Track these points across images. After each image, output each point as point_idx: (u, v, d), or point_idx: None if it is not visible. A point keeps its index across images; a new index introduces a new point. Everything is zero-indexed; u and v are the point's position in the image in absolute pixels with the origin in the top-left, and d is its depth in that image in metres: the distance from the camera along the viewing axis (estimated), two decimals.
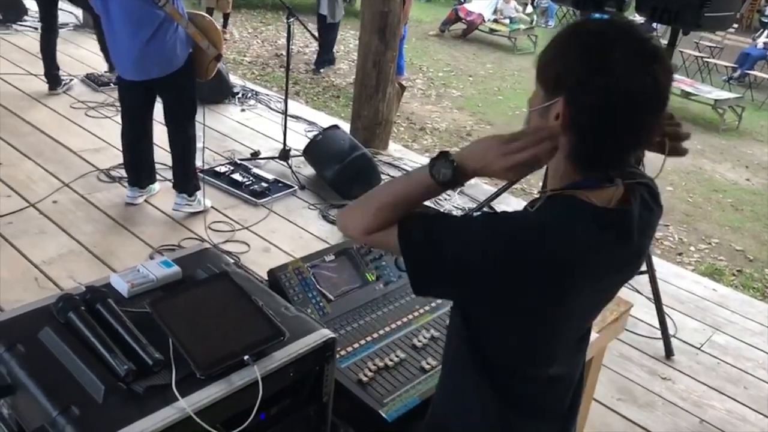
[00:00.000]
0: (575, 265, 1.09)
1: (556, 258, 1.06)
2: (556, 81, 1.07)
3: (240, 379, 1.28)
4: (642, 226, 1.16)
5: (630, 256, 1.20)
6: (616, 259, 1.17)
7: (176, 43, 3.52)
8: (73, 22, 7.49)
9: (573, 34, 1.09)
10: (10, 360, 1.28)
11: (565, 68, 1.06)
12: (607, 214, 1.11)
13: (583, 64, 1.03)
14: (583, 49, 1.05)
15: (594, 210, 1.10)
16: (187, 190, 3.91)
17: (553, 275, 1.07)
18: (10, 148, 4.52)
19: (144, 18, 3.39)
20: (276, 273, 1.83)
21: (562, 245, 1.07)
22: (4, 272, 3.25)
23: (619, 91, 1.01)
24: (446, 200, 4.66)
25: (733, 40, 12.00)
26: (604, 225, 1.10)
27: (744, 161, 7.86)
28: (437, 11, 14.17)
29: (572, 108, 1.05)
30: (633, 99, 1.02)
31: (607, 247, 1.12)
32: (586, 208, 1.10)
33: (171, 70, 3.55)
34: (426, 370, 1.74)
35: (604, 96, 1.02)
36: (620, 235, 1.13)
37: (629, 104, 1.02)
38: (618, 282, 1.27)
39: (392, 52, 5.04)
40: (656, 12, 3.04)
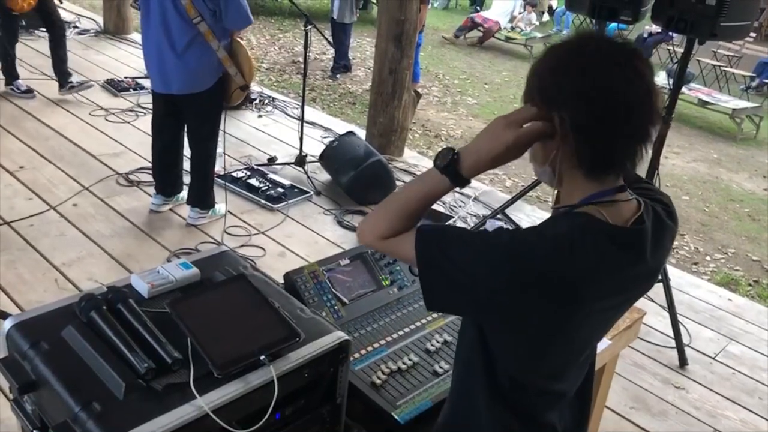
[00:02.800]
0: (587, 284, 1.10)
1: (570, 277, 1.08)
2: (548, 100, 1.11)
3: (256, 379, 1.31)
4: (655, 243, 1.17)
5: (643, 276, 1.20)
6: (628, 278, 1.17)
7: (205, 65, 3.52)
8: (94, 28, 7.59)
9: (545, 55, 1.15)
10: (34, 357, 1.32)
11: (552, 85, 1.10)
12: (621, 233, 1.13)
13: (562, 77, 1.09)
14: (557, 63, 1.11)
15: (608, 229, 1.11)
16: (200, 205, 3.94)
17: (566, 294, 1.09)
18: (32, 151, 4.60)
19: (177, 32, 3.42)
20: (292, 276, 1.86)
21: (575, 264, 1.08)
22: (26, 273, 3.31)
23: (599, 91, 1.06)
24: (461, 206, 4.68)
25: (751, 49, 11.91)
26: (618, 244, 1.12)
27: (761, 171, 7.80)
28: (453, 19, 14.21)
29: (564, 119, 1.08)
30: (614, 95, 1.06)
31: (620, 267, 1.13)
32: (600, 227, 1.11)
33: (193, 90, 3.56)
34: (438, 374, 1.76)
35: (587, 98, 1.06)
36: (633, 255, 1.14)
37: (611, 101, 1.06)
38: (627, 300, 1.26)
39: (408, 59, 5.07)
40: (672, 21, 3.04)
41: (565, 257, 1.08)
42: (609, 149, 1.11)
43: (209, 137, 3.78)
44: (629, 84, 1.06)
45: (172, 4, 3.37)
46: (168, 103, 3.69)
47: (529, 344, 1.18)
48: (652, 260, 1.17)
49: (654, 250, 1.17)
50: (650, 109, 1.09)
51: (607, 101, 1.06)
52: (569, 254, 1.08)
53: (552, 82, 1.10)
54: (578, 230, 1.11)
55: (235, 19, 3.50)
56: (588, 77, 1.07)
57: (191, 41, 3.44)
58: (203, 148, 3.80)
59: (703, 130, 9.06)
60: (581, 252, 1.09)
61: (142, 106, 5.58)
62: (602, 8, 3.37)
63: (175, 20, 3.41)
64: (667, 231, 1.22)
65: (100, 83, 6.00)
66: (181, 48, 3.45)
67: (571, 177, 1.16)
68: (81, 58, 6.61)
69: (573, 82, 1.08)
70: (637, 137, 1.10)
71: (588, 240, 1.10)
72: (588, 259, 1.09)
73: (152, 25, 3.46)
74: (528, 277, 1.08)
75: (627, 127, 1.08)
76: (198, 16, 3.39)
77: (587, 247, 1.09)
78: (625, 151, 1.12)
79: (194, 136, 3.79)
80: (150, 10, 3.45)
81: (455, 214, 4.50)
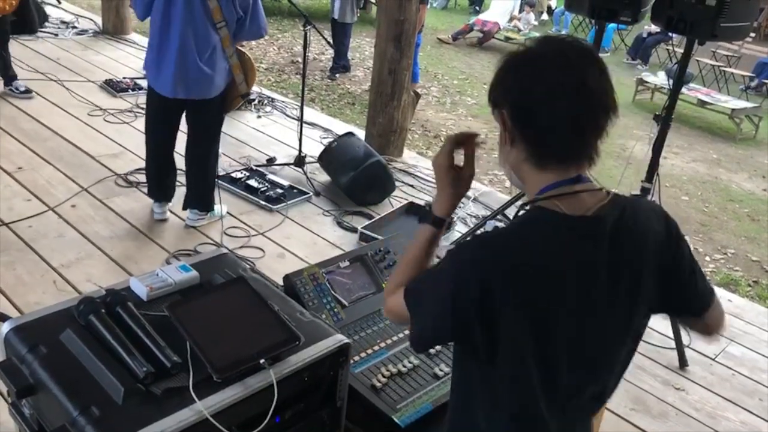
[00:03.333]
0: (541, 271, 1.14)
1: (518, 266, 1.13)
2: (494, 102, 1.21)
3: (256, 383, 1.31)
4: (621, 235, 1.19)
5: (614, 268, 1.19)
6: (601, 270, 1.18)
7: (222, 71, 3.51)
8: (92, 29, 7.58)
9: (498, 63, 1.23)
10: (32, 361, 1.32)
11: (495, 87, 1.21)
12: (574, 221, 1.16)
13: (506, 75, 1.19)
14: (503, 66, 1.21)
15: (559, 219, 1.16)
16: (199, 206, 3.93)
17: (521, 284, 1.13)
18: (30, 152, 4.59)
19: (204, 37, 3.38)
20: (291, 278, 1.86)
21: (519, 254, 1.14)
22: (24, 275, 3.30)
23: (539, 86, 1.14)
24: (461, 207, 4.67)
25: (751, 49, 11.91)
26: (573, 233, 1.16)
27: (761, 171, 7.80)
28: (453, 19, 14.21)
29: (509, 114, 1.17)
30: (554, 90, 1.13)
31: (578, 255, 1.16)
32: (550, 218, 1.16)
33: (208, 95, 3.53)
34: (439, 377, 1.75)
35: (527, 94, 1.15)
36: (590, 244, 1.17)
37: (551, 95, 1.13)
38: (613, 295, 1.23)
39: (407, 59, 5.06)
40: (672, 22, 3.04)
41: (507, 250, 1.15)
42: (545, 138, 1.16)
43: (213, 140, 3.78)
44: (560, 76, 1.13)
45: (202, 8, 3.33)
46: (171, 108, 3.61)
47: (511, 347, 1.17)
48: (615, 251, 1.18)
49: (619, 242, 1.18)
50: (584, 100, 1.13)
51: (535, 93, 1.14)
52: (511, 246, 1.16)
53: (495, 84, 1.21)
54: (527, 222, 1.19)
55: (257, 28, 3.55)
56: (521, 73, 1.17)
57: (214, 48, 3.43)
58: (207, 151, 3.78)
59: (703, 130, 9.06)
60: (524, 242, 1.16)
61: (140, 107, 5.57)
62: (601, 9, 3.37)
63: (203, 25, 3.36)
64: (648, 229, 1.24)
65: (98, 84, 5.99)
66: (206, 53, 3.42)
67: (525, 173, 1.22)
68: (79, 59, 6.60)
69: (509, 79, 1.18)
70: (573, 127, 1.14)
71: (534, 230, 1.17)
72: (531, 248, 1.15)
73: (175, 29, 3.36)
74: (473, 292, 1.13)
75: (556, 116, 1.14)
76: (222, 21, 3.38)
77: (530, 238, 1.16)
78: (561, 140, 1.16)
79: (199, 140, 3.75)
80: (173, 13, 3.35)
81: (455, 214, 4.49)
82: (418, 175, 5.09)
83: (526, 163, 1.20)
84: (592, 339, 1.27)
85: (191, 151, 3.81)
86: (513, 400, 1.24)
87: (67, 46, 6.92)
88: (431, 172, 5.16)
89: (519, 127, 1.17)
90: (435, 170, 1.35)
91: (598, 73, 1.15)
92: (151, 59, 3.50)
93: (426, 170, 5.20)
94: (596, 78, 1.14)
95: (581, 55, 1.15)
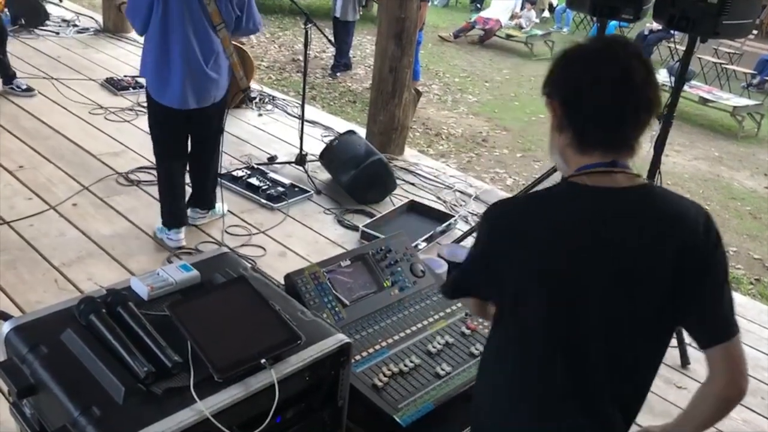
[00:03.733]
0: (552, 232, 1.24)
1: (527, 228, 1.26)
2: (547, 92, 1.31)
3: (257, 383, 1.30)
4: (652, 218, 1.24)
5: (640, 248, 1.23)
6: (615, 240, 1.23)
7: (225, 73, 3.47)
8: (93, 27, 7.58)
9: (554, 57, 1.34)
10: (33, 361, 1.31)
11: (549, 79, 1.31)
12: (595, 190, 1.24)
13: (558, 68, 1.30)
14: (557, 60, 1.31)
15: (581, 188, 1.26)
16: (200, 205, 3.91)
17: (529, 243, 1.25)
18: (31, 151, 4.59)
19: (207, 43, 3.32)
20: (293, 278, 1.86)
21: (532, 216, 1.28)
22: (25, 273, 3.30)
23: (585, 77, 1.23)
24: (462, 206, 4.67)
25: (753, 47, 11.88)
26: (589, 197, 1.25)
27: (763, 169, 7.79)
28: (454, 16, 14.19)
29: (559, 103, 1.28)
30: (599, 81, 1.22)
31: (593, 221, 1.24)
32: (574, 187, 1.27)
33: (217, 99, 3.48)
34: (440, 376, 1.75)
35: (575, 84, 1.25)
36: (610, 211, 1.25)
37: (596, 85, 1.22)
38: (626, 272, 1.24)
39: (408, 57, 5.05)
40: (674, 19, 3.02)
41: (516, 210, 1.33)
42: (588, 126, 1.25)
43: (218, 140, 3.73)
44: (605, 68, 1.22)
45: (201, 13, 3.25)
46: (179, 118, 3.45)
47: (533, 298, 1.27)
48: (634, 226, 1.23)
49: (640, 218, 1.24)
50: (627, 92, 1.21)
51: (582, 83, 1.24)
52: (525, 207, 1.32)
53: (549, 76, 1.31)
54: (547, 190, 1.32)
55: (253, 24, 3.50)
56: (571, 65, 1.28)
57: (218, 51, 3.37)
58: (212, 152, 3.75)
59: (704, 128, 9.04)
60: (539, 204, 1.30)
61: (142, 105, 5.56)
62: (603, 6, 3.35)
63: (204, 30, 3.28)
64: (673, 218, 1.26)
65: (99, 82, 5.98)
66: (211, 59, 3.35)
67: (569, 158, 1.30)
68: (80, 57, 6.59)
69: (561, 71, 1.29)
70: (614, 117, 1.23)
71: (550, 195, 1.30)
72: (554, 212, 1.26)
73: (176, 39, 3.24)
74: (492, 245, 1.31)
75: (600, 105, 1.22)
76: (222, 23, 3.32)
77: (546, 200, 1.30)
78: (603, 128, 1.25)
79: (205, 142, 3.70)
80: (171, 22, 3.21)
81: (456, 213, 4.49)
82: (419, 173, 5.09)
83: (569, 148, 1.29)
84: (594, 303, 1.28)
85: (196, 154, 3.74)
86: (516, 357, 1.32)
87: (67, 45, 6.92)
88: (432, 170, 5.17)
89: (566, 114, 1.27)
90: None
91: (643, 69, 1.22)
92: (153, 73, 3.34)
93: (427, 168, 5.19)
94: (640, 73, 1.21)
95: (627, 51, 1.24)
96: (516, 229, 1.28)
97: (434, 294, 2.05)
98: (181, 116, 3.44)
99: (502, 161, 6.94)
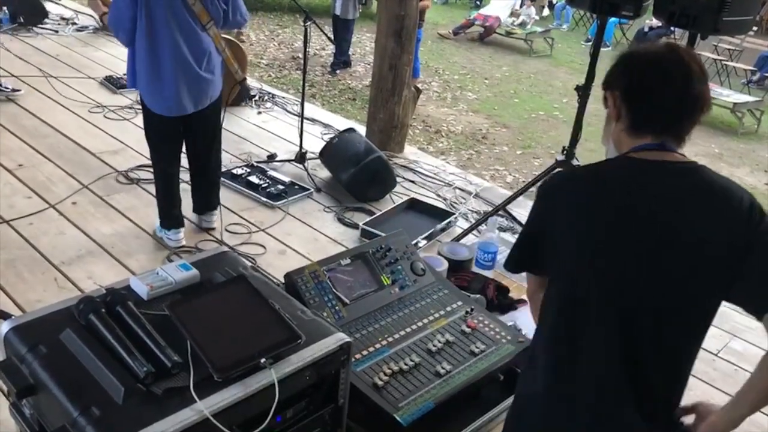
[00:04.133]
0: (605, 200, 1.34)
1: (574, 195, 1.38)
2: (608, 84, 1.43)
3: (257, 382, 1.30)
4: (700, 195, 1.33)
5: (696, 214, 1.31)
6: (677, 211, 1.31)
7: (220, 68, 3.40)
8: (92, 25, 7.57)
9: (617, 55, 1.46)
10: (32, 361, 1.31)
11: (612, 72, 1.44)
12: (648, 162, 1.34)
13: (622, 63, 1.42)
14: (620, 57, 1.44)
15: (637, 161, 1.35)
16: (209, 209, 3.86)
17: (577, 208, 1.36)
18: (31, 149, 4.58)
19: (197, 44, 3.23)
20: (292, 276, 1.85)
21: (584, 183, 1.40)
22: (25, 272, 3.29)
23: (652, 72, 1.35)
24: (462, 203, 4.66)
25: (753, 43, 11.86)
26: (632, 167, 1.35)
27: (763, 165, 7.78)
28: (454, 14, 14.17)
29: (620, 94, 1.40)
30: (666, 77, 1.33)
31: (644, 188, 1.33)
32: (628, 159, 1.36)
33: (214, 98, 3.42)
34: (441, 375, 1.75)
35: (641, 77, 1.36)
36: (658, 181, 1.33)
37: (662, 80, 1.34)
38: (664, 245, 1.31)
39: (408, 55, 5.05)
40: (674, 16, 3.02)
41: (579, 183, 1.41)
42: (647, 115, 1.37)
43: (218, 139, 3.69)
44: (671, 67, 1.34)
45: (187, 14, 3.15)
46: (175, 123, 3.41)
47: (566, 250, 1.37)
48: (679, 204, 1.32)
49: (684, 196, 1.32)
50: (687, 90, 1.33)
51: (647, 77, 1.36)
52: (587, 180, 1.41)
53: (612, 70, 1.44)
54: (602, 163, 1.42)
55: (240, 16, 3.42)
56: (636, 61, 1.40)
57: (210, 51, 3.29)
58: (216, 152, 3.70)
59: (704, 124, 8.91)
60: (593, 170, 1.41)
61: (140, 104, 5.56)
62: (603, 3, 3.34)
63: (192, 31, 3.19)
64: (719, 196, 1.34)
65: (98, 80, 5.97)
66: (203, 60, 3.27)
67: (622, 142, 1.41)
68: (79, 55, 6.59)
69: (625, 65, 1.41)
70: (673, 110, 1.35)
71: (602, 164, 1.41)
72: (607, 181, 1.37)
73: (165, 44, 3.14)
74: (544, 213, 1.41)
75: (663, 98, 1.35)
76: (210, 21, 3.24)
77: (607, 172, 1.39)
78: (661, 118, 1.36)
79: (205, 143, 3.64)
80: (157, 29, 3.11)
81: (456, 210, 4.48)
82: (419, 170, 5.08)
83: (624, 133, 1.40)
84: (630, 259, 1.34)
85: (198, 156, 3.69)
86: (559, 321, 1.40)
87: (66, 43, 6.91)
88: (432, 168, 5.16)
89: (629, 103, 1.38)
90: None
91: (700, 71, 1.35)
92: (146, 83, 3.26)
93: (427, 166, 5.19)
94: (698, 74, 1.34)
95: (689, 53, 1.37)
96: (568, 197, 1.38)
97: (434, 292, 2.04)
98: (178, 122, 3.39)
99: (502, 158, 6.94)
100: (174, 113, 3.32)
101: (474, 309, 2.02)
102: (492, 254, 2.48)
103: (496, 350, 1.86)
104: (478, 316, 1.99)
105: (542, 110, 8.64)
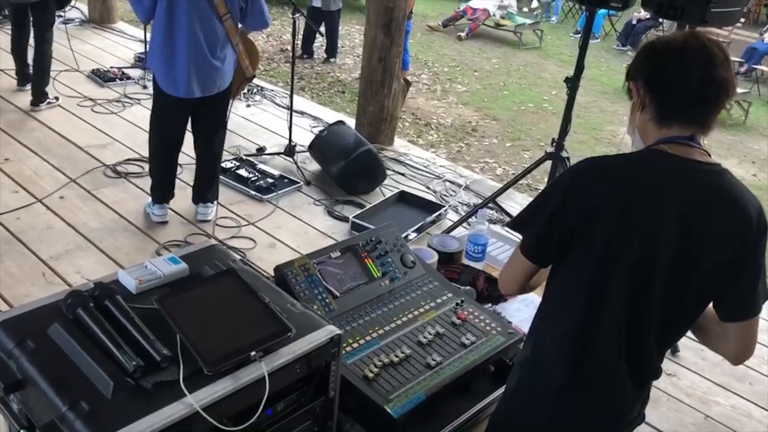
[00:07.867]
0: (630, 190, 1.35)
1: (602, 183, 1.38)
2: (632, 75, 1.45)
3: (247, 376, 1.29)
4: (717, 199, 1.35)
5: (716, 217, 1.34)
6: (699, 210, 1.33)
7: (231, 61, 3.53)
8: (79, 18, 7.50)
9: (640, 47, 1.50)
10: (20, 356, 1.30)
11: (635, 63, 1.46)
12: (674, 156, 1.35)
13: (645, 53, 1.44)
14: (643, 48, 1.47)
15: (664, 155, 1.36)
16: (212, 197, 3.93)
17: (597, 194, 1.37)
18: (17, 143, 4.54)
19: (212, 32, 3.38)
20: (282, 269, 1.84)
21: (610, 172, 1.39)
22: (13, 267, 3.27)
23: (674, 59, 1.36)
24: (452, 195, 4.67)
25: (740, 35, 11.92)
26: (659, 160, 1.36)
27: (751, 157, 7.84)
28: (442, 6, 14.14)
29: (644, 83, 1.41)
30: (689, 62, 1.34)
31: (671, 185, 1.34)
32: (654, 152, 1.37)
33: (222, 88, 3.55)
34: (431, 366, 1.75)
35: (663, 64, 1.38)
36: (684, 179, 1.35)
37: (686, 65, 1.35)
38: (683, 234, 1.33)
39: (397, 47, 5.03)
40: (662, 8, 3.03)
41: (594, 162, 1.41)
42: (673, 100, 1.38)
43: (224, 128, 3.80)
44: (694, 53, 1.35)
45: (206, 3, 3.31)
46: (183, 106, 3.55)
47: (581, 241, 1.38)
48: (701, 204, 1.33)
49: (706, 198, 1.34)
50: (712, 75, 1.34)
51: (669, 64, 1.37)
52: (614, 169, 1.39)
53: (635, 61, 1.46)
54: (630, 154, 1.43)
55: (258, 19, 3.54)
56: (658, 50, 1.41)
57: (223, 40, 3.42)
58: (218, 144, 3.80)
59: None
60: (612, 161, 1.42)
61: (129, 97, 5.53)
62: None
63: (210, 20, 3.35)
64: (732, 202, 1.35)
65: (85, 73, 5.93)
66: (216, 48, 3.41)
67: (648, 132, 1.42)
68: (66, 48, 6.51)
69: (647, 55, 1.43)
70: (698, 95, 1.35)
71: (639, 158, 1.40)
72: (634, 172, 1.37)
73: (181, 28, 3.31)
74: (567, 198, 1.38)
75: (687, 83, 1.35)
76: (227, 13, 3.37)
77: (635, 164, 1.39)
78: (686, 104, 1.37)
79: (211, 132, 3.73)
80: (177, 12, 3.29)
81: (446, 203, 4.49)
82: (408, 163, 5.08)
83: (650, 122, 1.41)
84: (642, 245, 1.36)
85: (203, 146, 3.77)
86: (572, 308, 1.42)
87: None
88: (422, 161, 5.16)
89: (652, 92, 1.40)
90: None
91: (722, 55, 1.36)
92: (159, 61, 3.42)
93: (416, 158, 5.18)
94: (720, 58, 1.35)
95: (710, 39, 1.37)
96: (595, 183, 1.38)
97: (425, 284, 2.04)
98: (187, 105, 3.52)
99: (492, 151, 6.95)
100: (182, 95, 3.44)
101: (464, 301, 2.02)
102: (482, 246, 2.48)
103: (486, 342, 1.86)
104: (469, 307, 1.99)
105: (531, 102, 8.65)
